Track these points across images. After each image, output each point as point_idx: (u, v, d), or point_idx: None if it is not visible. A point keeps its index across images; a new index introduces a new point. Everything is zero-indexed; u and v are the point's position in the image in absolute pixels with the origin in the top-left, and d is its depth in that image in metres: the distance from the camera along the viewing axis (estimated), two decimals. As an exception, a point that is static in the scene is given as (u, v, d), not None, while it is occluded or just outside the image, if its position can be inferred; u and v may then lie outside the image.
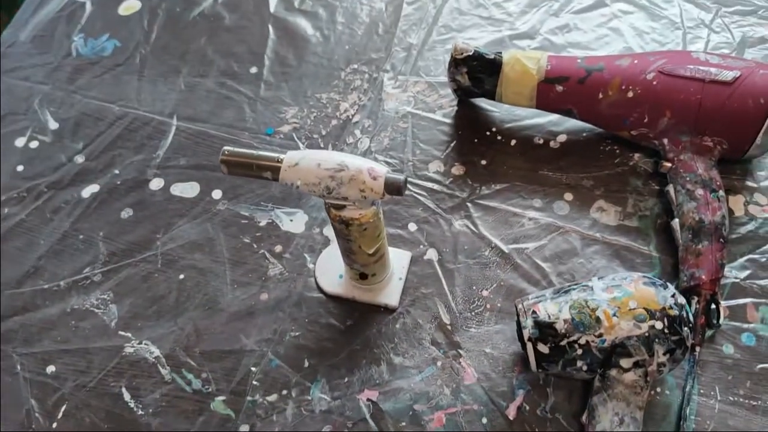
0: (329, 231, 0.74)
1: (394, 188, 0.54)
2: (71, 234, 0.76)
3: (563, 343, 0.58)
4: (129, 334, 0.69)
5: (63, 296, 0.72)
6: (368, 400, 0.64)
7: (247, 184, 0.77)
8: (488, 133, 0.79)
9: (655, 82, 0.69)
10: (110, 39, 0.90)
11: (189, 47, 0.89)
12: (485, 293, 0.69)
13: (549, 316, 0.59)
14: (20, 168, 0.81)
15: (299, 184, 0.55)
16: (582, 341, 0.58)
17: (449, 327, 0.67)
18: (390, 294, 0.69)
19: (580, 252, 0.70)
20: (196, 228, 0.75)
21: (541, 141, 0.78)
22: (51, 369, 0.68)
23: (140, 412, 0.65)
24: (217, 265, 0.73)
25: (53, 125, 0.84)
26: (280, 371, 0.66)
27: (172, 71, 0.87)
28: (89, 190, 0.79)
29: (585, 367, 0.59)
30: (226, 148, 0.56)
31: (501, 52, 0.74)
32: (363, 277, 0.67)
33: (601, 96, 0.71)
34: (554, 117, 0.78)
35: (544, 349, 0.59)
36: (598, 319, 0.58)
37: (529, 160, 0.76)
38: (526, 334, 0.59)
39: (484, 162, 0.77)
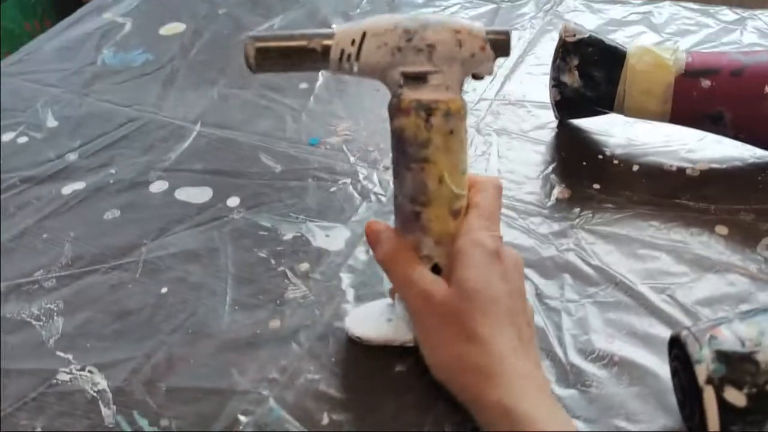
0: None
1: (500, 40, 0.39)
2: (32, 231, 0.56)
3: (772, 388, 0.34)
4: (69, 356, 0.46)
5: (-4, 302, 0.51)
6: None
7: (275, 193, 0.58)
8: (601, 156, 0.59)
9: None
10: (144, 53, 0.77)
11: (229, 63, 0.75)
12: (609, 342, 0.45)
13: (743, 343, 0.35)
14: (-3, 163, 0.64)
15: (362, 40, 0.39)
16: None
17: (555, 386, 0.43)
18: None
19: (748, 297, 0.47)
20: (198, 236, 0.55)
21: (674, 168, 0.58)
22: (-57, 394, 0.45)
23: (53, 470, 0.40)
24: (216, 281, 0.51)
25: (51, 123, 0.68)
26: (283, 425, 0.42)
27: (206, 82, 0.72)
28: (72, 188, 0.60)
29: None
30: (249, 34, 0.40)
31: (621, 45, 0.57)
32: (436, 272, 0.43)
33: (767, 90, 0.52)
34: (689, 141, 0.59)
35: (737, 398, 0.34)
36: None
37: (659, 186, 0.56)
38: (702, 372, 0.35)
39: (597, 186, 0.56)
